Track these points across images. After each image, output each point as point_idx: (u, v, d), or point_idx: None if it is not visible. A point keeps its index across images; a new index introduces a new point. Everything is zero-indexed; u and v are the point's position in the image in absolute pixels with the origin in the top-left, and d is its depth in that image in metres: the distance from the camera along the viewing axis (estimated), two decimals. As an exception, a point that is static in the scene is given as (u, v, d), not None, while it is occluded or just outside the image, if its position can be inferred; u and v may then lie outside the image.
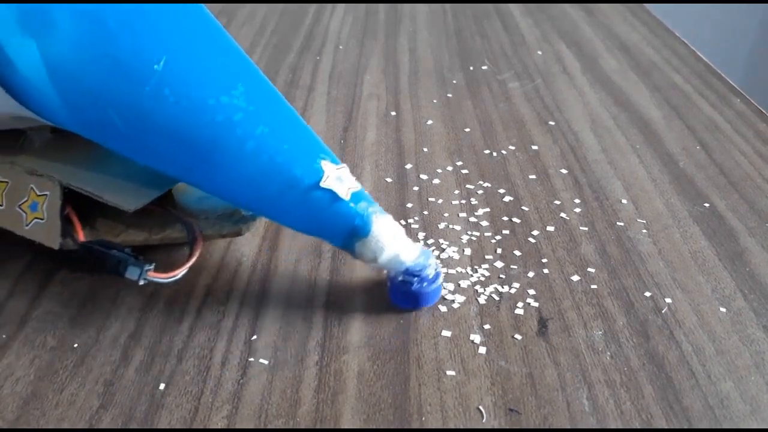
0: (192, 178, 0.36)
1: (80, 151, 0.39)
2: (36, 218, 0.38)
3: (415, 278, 0.36)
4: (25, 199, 0.38)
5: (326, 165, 0.35)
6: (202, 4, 0.35)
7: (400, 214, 0.46)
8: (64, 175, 0.38)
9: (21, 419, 0.31)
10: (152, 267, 0.35)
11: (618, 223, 0.45)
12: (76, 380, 0.33)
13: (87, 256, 0.36)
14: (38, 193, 0.38)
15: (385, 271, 0.37)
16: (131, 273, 0.35)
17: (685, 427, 0.31)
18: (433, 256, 0.37)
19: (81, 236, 0.37)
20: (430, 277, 0.37)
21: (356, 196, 0.36)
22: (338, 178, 0.35)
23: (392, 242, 0.36)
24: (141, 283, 0.35)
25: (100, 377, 0.33)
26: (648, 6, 0.92)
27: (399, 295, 0.37)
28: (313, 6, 0.89)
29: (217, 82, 0.34)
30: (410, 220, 0.45)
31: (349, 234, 0.36)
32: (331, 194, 0.35)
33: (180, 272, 0.36)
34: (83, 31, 0.32)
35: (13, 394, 0.32)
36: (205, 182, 0.35)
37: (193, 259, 0.37)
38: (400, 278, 0.36)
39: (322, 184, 0.35)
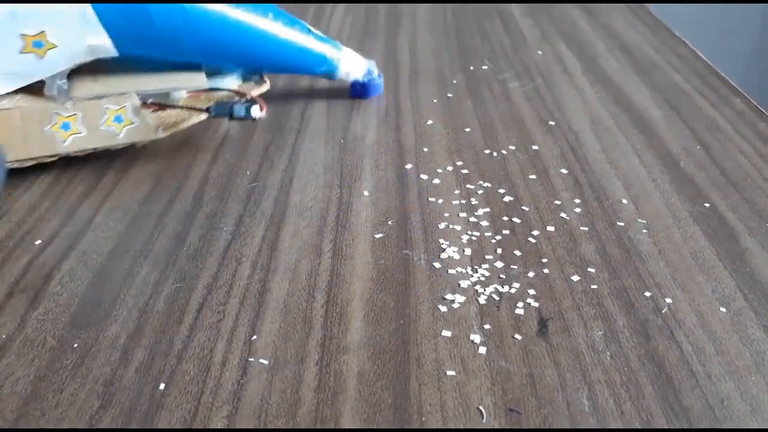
0: (239, 53, 0.54)
1: (126, 73, 0.50)
2: (126, 126, 0.49)
3: (371, 77, 0.62)
4: (106, 117, 0.48)
5: (305, 22, 0.57)
6: None
7: (400, 214, 0.46)
8: (132, 87, 0.49)
9: (21, 419, 0.31)
10: (257, 106, 0.50)
11: (618, 223, 0.45)
12: (76, 380, 0.33)
13: (219, 112, 0.50)
14: (116, 108, 0.49)
15: (350, 78, 0.61)
16: (255, 112, 0.50)
17: (685, 427, 0.31)
18: (374, 65, 0.63)
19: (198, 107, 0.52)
20: (376, 75, 0.63)
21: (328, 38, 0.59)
22: (317, 37, 0.58)
23: (356, 58, 0.61)
24: (256, 118, 0.50)
25: (100, 377, 0.33)
26: (648, 6, 0.92)
27: (363, 88, 0.62)
28: (313, 6, 0.89)
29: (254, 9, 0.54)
30: (410, 220, 0.45)
31: (336, 59, 0.59)
32: (318, 37, 0.58)
33: (265, 110, 0.50)
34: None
35: (13, 394, 0.32)
36: (252, 54, 0.55)
37: (264, 105, 0.51)
38: (366, 79, 0.62)
39: (313, 30, 0.57)
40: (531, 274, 0.40)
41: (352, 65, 0.60)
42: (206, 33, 0.51)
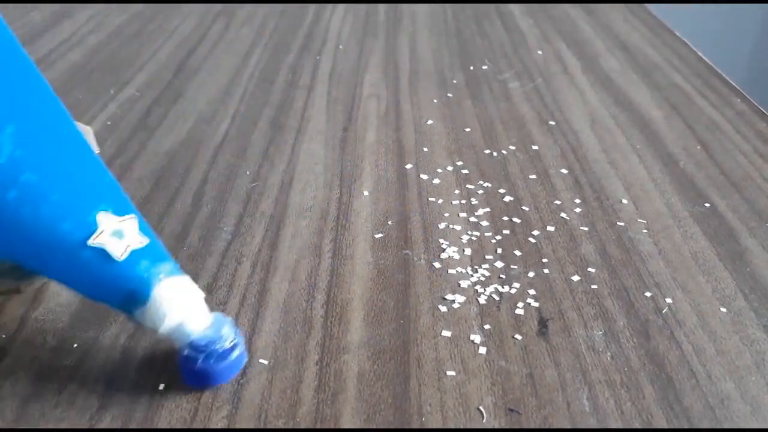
0: None
1: None
2: None
3: (201, 353, 0.31)
4: None
5: (104, 218, 0.30)
6: None
7: (400, 214, 0.46)
8: None
9: (21, 419, 0.31)
10: None
11: (618, 223, 0.45)
12: (76, 380, 0.33)
13: None
14: None
15: (158, 335, 0.32)
16: None
17: (686, 427, 0.31)
18: (229, 326, 0.32)
19: None
20: (222, 350, 0.31)
21: (137, 255, 0.30)
22: (115, 233, 0.30)
23: (176, 309, 0.31)
24: None
25: (100, 377, 0.33)
26: (648, 6, 0.92)
27: (185, 372, 0.32)
28: (313, 6, 0.89)
29: None
30: (410, 220, 0.45)
31: (125, 299, 0.31)
32: (102, 253, 0.30)
33: None
34: None
35: (13, 393, 0.32)
36: None
37: None
38: (185, 352, 0.31)
39: (91, 242, 0.30)
40: (531, 274, 0.40)
41: (162, 320, 0.31)
42: None
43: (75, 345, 0.35)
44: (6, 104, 0.30)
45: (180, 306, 0.31)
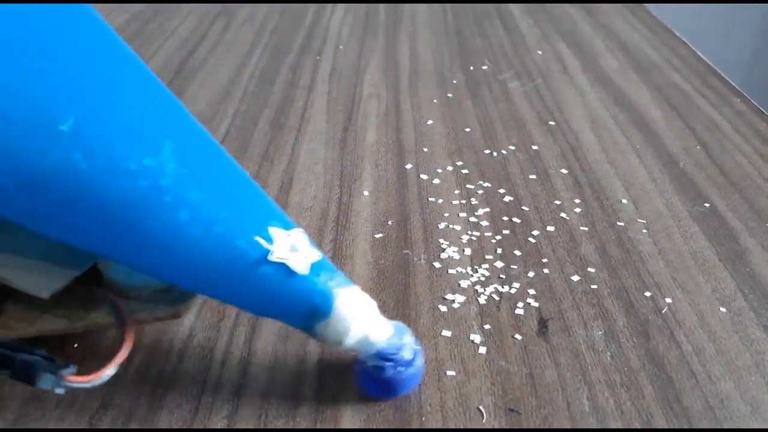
0: (115, 255, 0.29)
1: None
2: None
3: (389, 362, 0.31)
4: None
5: (276, 232, 0.29)
6: (120, 39, 0.29)
7: (400, 214, 0.46)
8: None
9: (21, 419, 0.31)
10: (73, 370, 0.28)
11: (618, 223, 0.45)
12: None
13: None
14: None
15: (353, 354, 0.31)
16: (45, 382, 0.28)
17: (685, 427, 0.31)
18: (409, 333, 0.32)
19: None
20: (407, 359, 0.31)
21: (315, 268, 0.30)
22: (292, 248, 0.29)
23: (359, 321, 0.30)
24: (58, 392, 0.28)
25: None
26: (648, 6, 0.92)
27: (370, 382, 0.32)
28: (313, 6, 0.89)
29: (139, 140, 0.28)
30: (410, 220, 0.45)
31: (308, 315, 0.30)
32: (284, 268, 0.29)
33: (106, 372, 0.29)
34: None
35: (14, 394, 0.32)
36: (132, 259, 0.29)
37: (125, 353, 0.30)
38: (370, 363, 0.31)
39: (272, 258, 0.29)
40: (531, 274, 0.40)
41: (348, 332, 0.30)
42: (49, 214, 0.28)
43: (75, 345, 0.35)
44: (161, 120, 0.29)
45: (362, 317, 0.30)
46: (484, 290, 0.39)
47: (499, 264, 0.41)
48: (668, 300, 0.38)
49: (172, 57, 0.71)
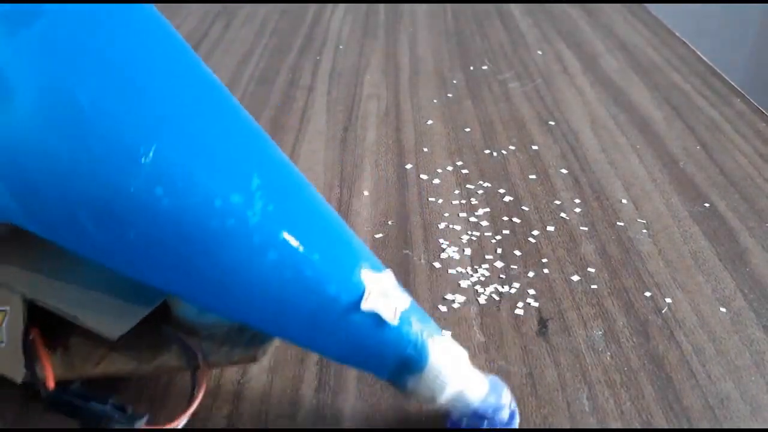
0: (194, 297, 0.28)
1: (48, 253, 0.30)
2: None
3: (485, 421, 0.28)
4: None
5: (367, 276, 0.27)
6: (203, 65, 0.28)
7: (400, 214, 0.46)
8: (28, 286, 0.29)
9: (21, 419, 0.31)
10: (145, 420, 0.27)
11: (618, 223, 0.45)
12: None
13: (58, 408, 0.27)
14: None
15: (434, 406, 0.28)
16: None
17: (685, 427, 0.31)
18: (506, 390, 0.29)
19: (50, 381, 0.28)
20: (504, 420, 0.28)
21: (406, 316, 0.27)
22: (383, 294, 0.27)
23: (455, 375, 0.28)
24: None
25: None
26: (648, 6, 0.92)
27: None
28: (313, 6, 0.89)
29: (226, 175, 0.26)
30: (410, 220, 0.45)
31: (399, 367, 0.27)
32: (375, 318, 0.27)
33: (181, 421, 0.28)
34: (48, 110, 0.24)
35: (14, 393, 0.32)
36: (213, 302, 0.27)
37: (198, 400, 0.28)
38: (464, 422, 0.28)
39: (364, 306, 0.27)
40: (531, 274, 0.40)
41: (444, 388, 0.28)
42: (125, 248, 0.26)
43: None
44: (247, 152, 0.26)
45: (457, 372, 0.28)
46: (484, 290, 0.39)
47: (499, 264, 0.41)
48: (668, 300, 0.38)
49: (172, 57, 0.71)
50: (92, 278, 0.30)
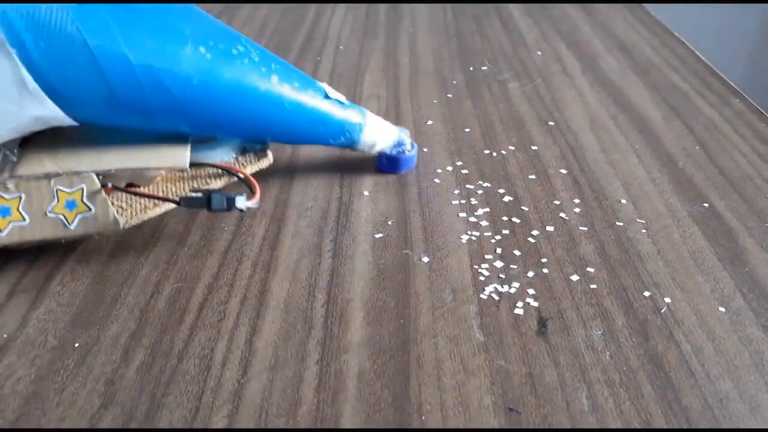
0: (231, 125, 0.44)
1: (73, 146, 0.42)
2: (79, 213, 0.39)
3: (402, 148, 0.50)
4: (55, 202, 0.38)
5: (323, 84, 0.46)
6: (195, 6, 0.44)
7: (400, 214, 0.46)
8: (90, 166, 0.40)
9: (22, 419, 0.31)
10: (244, 197, 0.40)
11: (617, 223, 0.45)
12: (77, 380, 0.33)
13: (190, 205, 0.40)
14: (69, 191, 0.39)
15: (375, 150, 0.49)
16: (240, 203, 0.39)
17: (685, 427, 0.31)
18: (407, 131, 0.50)
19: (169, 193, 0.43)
20: (409, 147, 0.50)
21: (350, 103, 0.47)
22: (332, 91, 0.46)
23: (382, 127, 0.49)
24: (244, 209, 0.39)
25: (101, 377, 0.33)
26: (647, 6, 0.92)
27: (389, 162, 0.50)
28: (313, 6, 0.89)
29: (229, 38, 0.43)
30: (410, 220, 0.45)
31: (357, 130, 0.47)
32: (338, 102, 0.46)
33: (258, 198, 0.41)
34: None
35: (14, 393, 0.32)
36: (245, 124, 0.44)
37: (258, 189, 0.42)
38: (393, 151, 0.49)
39: (331, 95, 0.46)
40: (530, 274, 0.40)
41: (377, 135, 0.48)
42: (189, 98, 0.41)
43: (76, 345, 0.35)
44: (226, 28, 0.44)
45: (382, 125, 0.49)
46: (484, 290, 0.39)
47: (498, 264, 0.41)
48: (667, 300, 0.38)
49: (172, 57, 0.71)
50: (129, 145, 0.42)
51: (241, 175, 0.44)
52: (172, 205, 0.41)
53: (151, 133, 0.43)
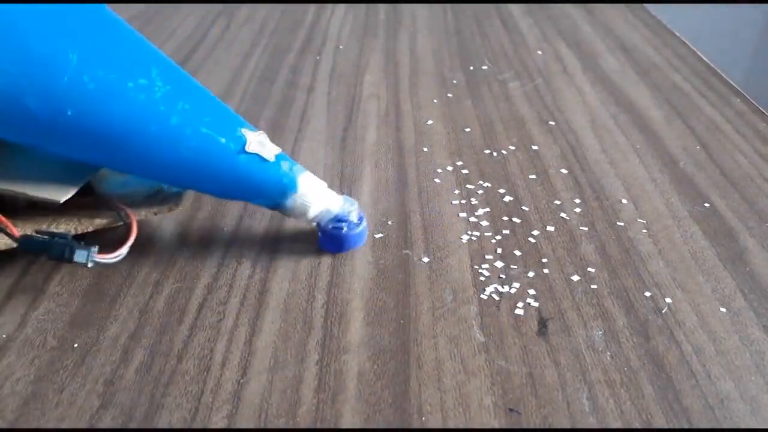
0: (120, 161, 0.38)
1: None
2: None
3: (344, 223, 0.41)
4: None
5: (247, 132, 0.38)
6: (104, 5, 0.39)
7: (400, 214, 0.46)
8: None
9: (21, 419, 0.31)
10: (97, 249, 0.36)
11: (618, 223, 0.45)
12: (77, 380, 0.33)
13: (29, 248, 0.36)
14: None
15: (314, 223, 0.41)
16: (79, 257, 0.35)
17: (685, 427, 0.31)
18: (355, 203, 0.41)
19: (15, 231, 0.36)
20: (355, 221, 0.41)
21: (279, 158, 0.39)
22: (260, 143, 0.38)
23: (319, 195, 0.40)
24: (89, 266, 0.36)
25: (100, 377, 0.33)
26: (648, 6, 0.92)
27: (330, 241, 0.41)
28: (313, 6, 0.89)
29: (132, 67, 0.37)
30: (410, 220, 0.45)
31: (280, 193, 0.39)
32: (258, 158, 0.38)
33: (123, 251, 0.38)
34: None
35: (14, 393, 0.32)
36: (135, 165, 0.38)
37: (132, 239, 0.38)
38: (330, 226, 0.41)
39: (248, 149, 0.38)
40: (531, 274, 0.40)
41: (310, 203, 0.40)
42: (63, 128, 0.36)
43: (75, 345, 0.35)
44: (144, 54, 0.38)
45: (319, 192, 0.40)
46: (484, 290, 0.39)
47: (499, 264, 0.41)
48: (668, 300, 0.38)
49: (172, 57, 0.71)
50: (28, 165, 0.39)
51: (126, 218, 0.39)
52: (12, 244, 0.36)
53: (64, 159, 0.39)
